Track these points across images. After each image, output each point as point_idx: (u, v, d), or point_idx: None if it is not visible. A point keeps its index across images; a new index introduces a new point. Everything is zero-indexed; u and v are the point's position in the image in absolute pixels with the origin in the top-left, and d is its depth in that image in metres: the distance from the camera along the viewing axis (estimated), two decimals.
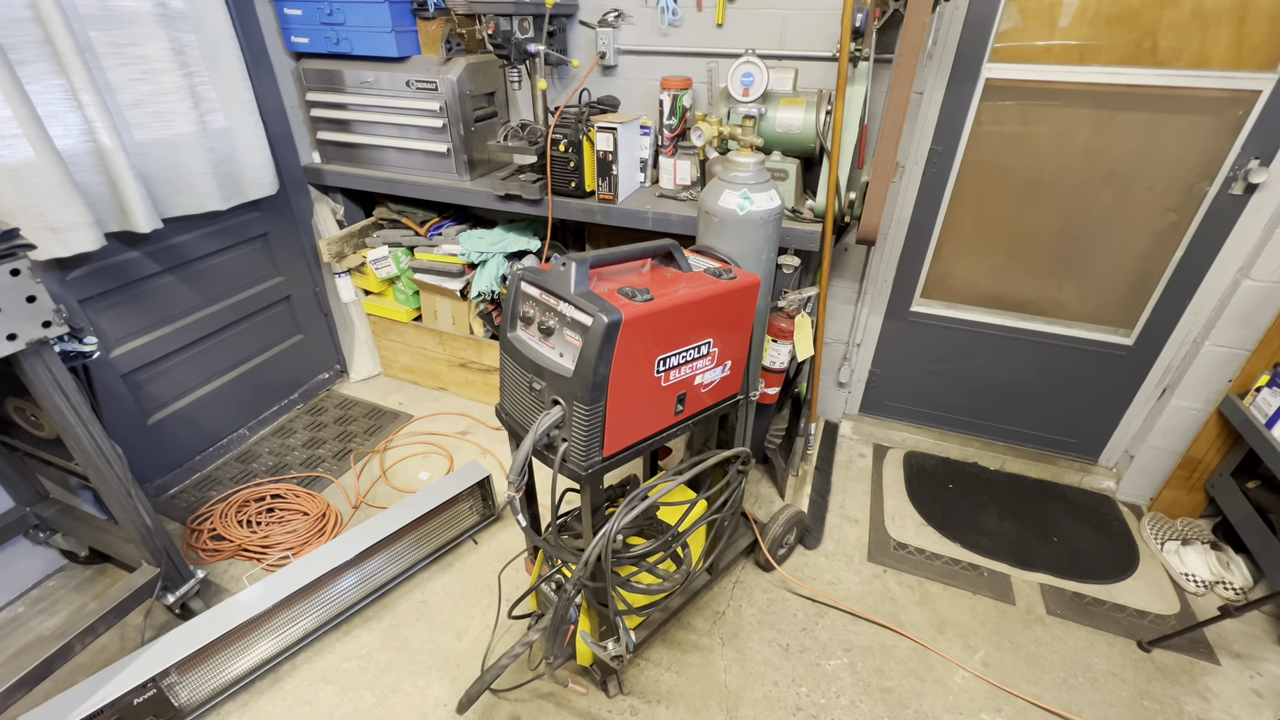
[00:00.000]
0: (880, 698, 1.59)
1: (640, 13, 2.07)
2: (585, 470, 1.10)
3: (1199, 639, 1.75)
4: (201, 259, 2.12)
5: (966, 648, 1.73)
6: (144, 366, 2.01)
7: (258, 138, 2.08)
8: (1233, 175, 1.76)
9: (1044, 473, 2.35)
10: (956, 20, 1.81)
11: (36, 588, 1.84)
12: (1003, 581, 1.93)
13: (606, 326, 0.99)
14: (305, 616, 1.65)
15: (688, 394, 1.24)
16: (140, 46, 1.76)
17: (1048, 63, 1.81)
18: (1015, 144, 1.94)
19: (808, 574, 1.93)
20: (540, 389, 1.11)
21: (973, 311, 2.23)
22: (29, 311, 1.18)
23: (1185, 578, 1.92)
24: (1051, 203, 1.98)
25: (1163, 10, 1.69)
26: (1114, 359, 2.13)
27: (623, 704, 1.55)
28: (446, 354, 2.63)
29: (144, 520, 1.49)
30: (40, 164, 1.53)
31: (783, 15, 1.92)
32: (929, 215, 2.11)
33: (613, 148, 1.90)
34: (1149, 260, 1.97)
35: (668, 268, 1.26)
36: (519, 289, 1.16)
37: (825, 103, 1.74)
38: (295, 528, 1.99)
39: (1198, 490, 2.09)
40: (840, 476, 2.36)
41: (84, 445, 1.35)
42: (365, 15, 2.07)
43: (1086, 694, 1.61)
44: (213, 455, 2.30)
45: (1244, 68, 1.67)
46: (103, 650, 1.65)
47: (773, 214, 1.33)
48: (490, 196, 2.12)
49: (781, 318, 1.86)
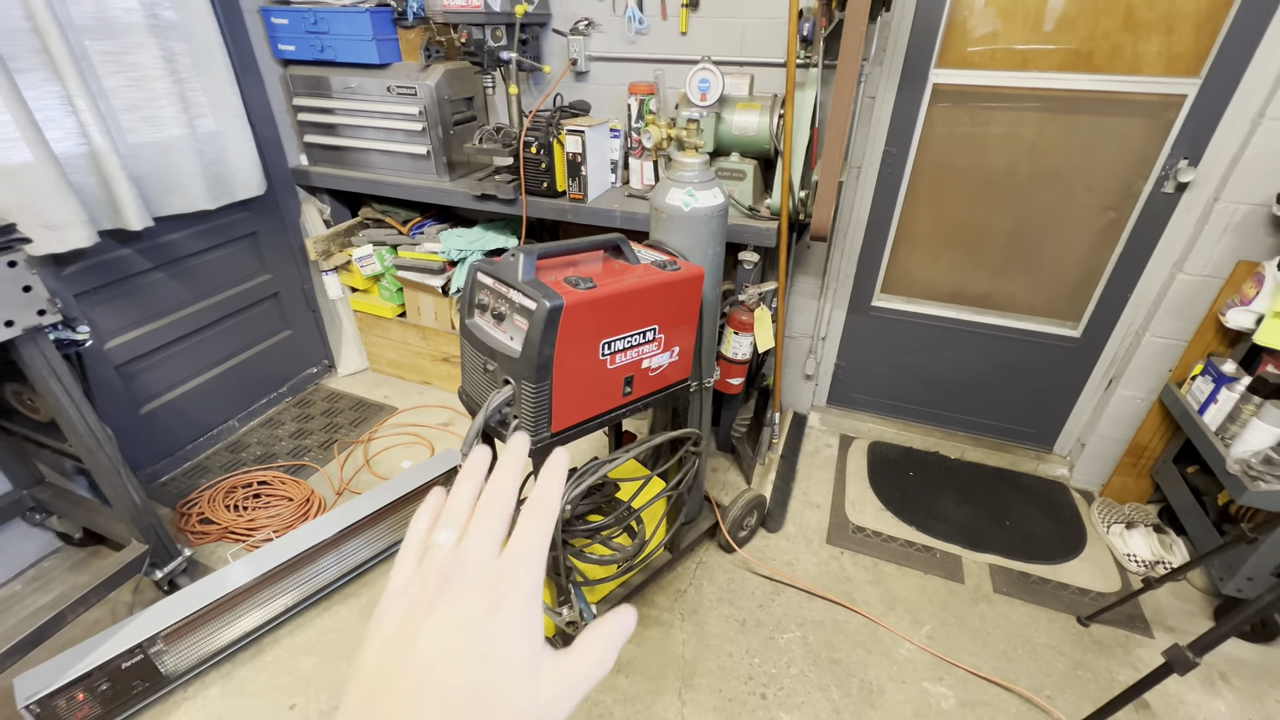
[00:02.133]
0: (829, 668, 1.69)
1: (609, 21, 2.18)
2: (534, 444, 1.19)
3: (1136, 614, 1.84)
4: (192, 256, 2.22)
5: (914, 623, 1.82)
6: (137, 359, 2.11)
7: (246, 141, 2.19)
8: (1164, 174, 1.86)
9: (1002, 461, 2.45)
10: (904, 28, 1.91)
11: (32, 568, 1.93)
12: (954, 562, 2.02)
13: (549, 311, 1.09)
14: (287, 592, 1.74)
15: (635, 377, 1.34)
16: (133, 55, 1.86)
17: (992, 68, 1.92)
18: (965, 145, 2.05)
19: (768, 555, 2.03)
20: (493, 370, 1.21)
21: (931, 306, 2.33)
22: (24, 300, 1.28)
23: (1128, 558, 2.02)
24: (1001, 201, 2.08)
25: (1098, 20, 1.79)
26: (1064, 351, 2.23)
27: None
28: (430, 349, 2.73)
29: (133, 499, 1.59)
30: (37, 165, 1.63)
31: (743, 24, 2.02)
32: (885, 214, 2.21)
33: (581, 150, 2.00)
34: (1092, 256, 2.07)
35: (617, 260, 1.36)
36: (476, 279, 1.26)
37: (779, 106, 1.84)
38: (279, 512, 2.09)
39: (1144, 476, 2.19)
40: (806, 465, 2.45)
41: (76, 426, 1.45)
42: (348, 24, 2.18)
43: (1025, 665, 1.70)
44: (203, 445, 2.40)
45: (1172, 73, 1.77)
46: (94, 625, 1.74)
47: (716, 210, 1.43)
48: (468, 197, 2.22)
49: (742, 311, 1.95)
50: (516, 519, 0.35)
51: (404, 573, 0.34)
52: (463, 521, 0.35)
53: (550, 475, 0.37)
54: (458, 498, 0.37)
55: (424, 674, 0.29)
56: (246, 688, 1.61)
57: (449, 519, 0.36)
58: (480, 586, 0.32)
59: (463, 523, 0.35)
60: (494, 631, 0.31)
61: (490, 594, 0.32)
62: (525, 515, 0.35)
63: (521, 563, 0.33)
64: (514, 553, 0.34)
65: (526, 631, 0.32)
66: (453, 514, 0.36)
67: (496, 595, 0.32)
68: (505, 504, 0.36)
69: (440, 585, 0.32)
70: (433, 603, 0.31)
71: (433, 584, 0.32)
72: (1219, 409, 1.78)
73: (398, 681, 0.29)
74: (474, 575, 0.32)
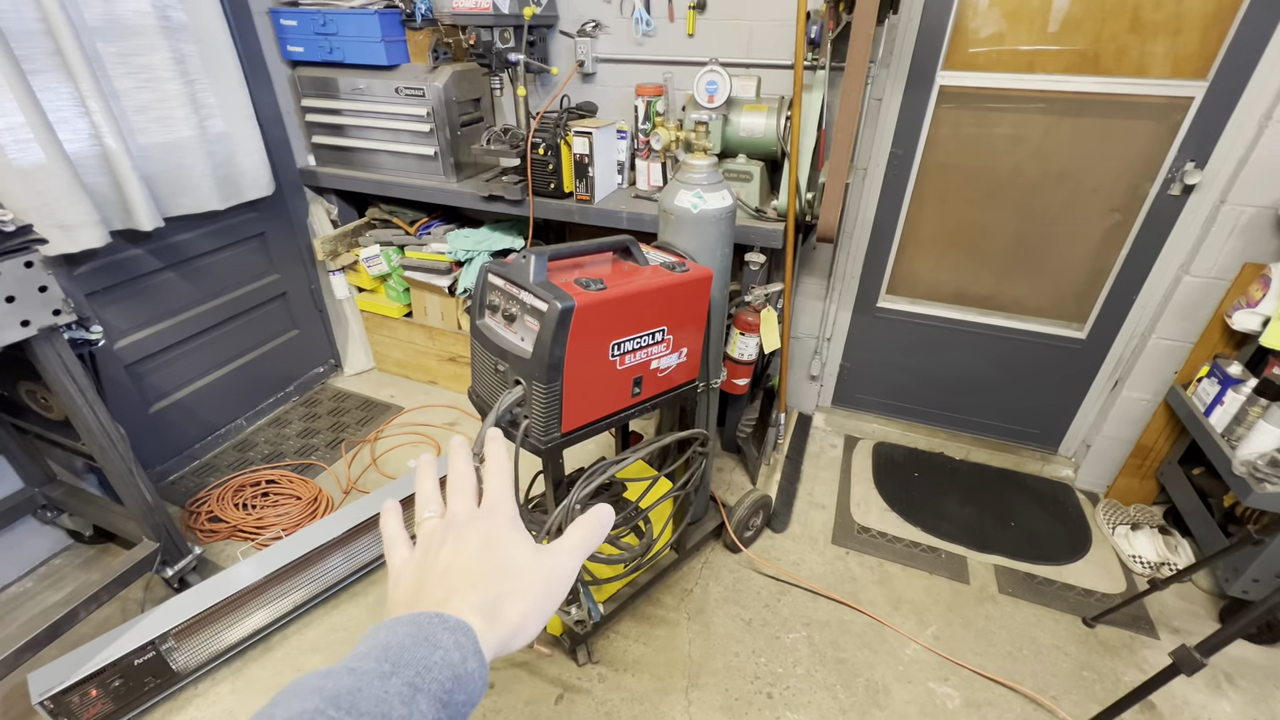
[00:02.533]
0: (834, 667, 1.69)
1: (616, 23, 2.19)
2: (545, 445, 1.20)
3: (1141, 616, 1.85)
4: (201, 256, 2.24)
5: (920, 623, 1.83)
6: (146, 358, 2.12)
7: (255, 141, 2.20)
8: (1171, 177, 1.87)
9: (1006, 462, 2.45)
10: (911, 30, 1.92)
11: (44, 565, 1.95)
12: (959, 563, 2.03)
13: (560, 312, 1.09)
14: (295, 590, 1.76)
15: (644, 377, 1.34)
16: (144, 56, 1.88)
17: (998, 70, 1.92)
18: (971, 147, 2.05)
19: (773, 555, 2.04)
20: (504, 370, 1.22)
21: (936, 307, 2.34)
22: (40, 300, 1.29)
23: (1133, 559, 2.02)
24: (1007, 203, 2.09)
25: (1104, 22, 1.79)
26: (1069, 352, 2.23)
27: (591, 671, 1.66)
28: (436, 348, 2.74)
29: (144, 497, 1.61)
30: (51, 166, 1.65)
31: (750, 26, 2.03)
32: (891, 215, 2.21)
33: (588, 151, 2.01)
34: (1098, 257, 2.07)
35: (626, 261, 1.37)
36: (486, 280, 1.27)
37: (786, 108, 1.85)
38: (288, 510, 2.11)
39: (1149, 477, 2.19)
40: (811, 466, 2.46)
41: (90, 425, 1.46)
42: (357, 26, 2.19)
43: (1030, 665, 1.71)
44: (211, 444, 2.42)
45: (1179, 76, 1.77)
46: (106, 622, 1.76)
47: (725, 212, 1.44)
48: (475, 197, 2.23)
49: (749, 311, 1.96)
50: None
51: (400, 552, 0.42)
52: (438, 502, 0.44)
53: (493, 444, 0.47)
54: (425, 487, 0.46)
55: (448, 570, 0.38)
56: (256, 684, 1.62)
57: (425, 502, 0.45)
58: (472, 521, 0.42)
59: (439, 503, 0.44)
60: (492, 532, 0.41)
61: (482, 524, 0.41)
62: (486, 476, 0.45)
63: (497, 503, 0.43)
64: (488, 499, 0.43)
65: (517, 530, 0.42)
66: (426, 498, 0.45)
67: (488, 522, 0.42)
68: (469, 477, 0.45)
69: (444, 534, 0.41)
70: (442, 542, 0.40)
71: (437, 536, 0.41)
72: (1225, 411, 1.78)
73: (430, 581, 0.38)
74: (465, 521, 0.42)
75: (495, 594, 0.37)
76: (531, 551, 0.41)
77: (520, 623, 0.37)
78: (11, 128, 1.58)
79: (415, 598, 0.37)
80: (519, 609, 0.38)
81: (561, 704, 1.58)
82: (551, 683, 1.63)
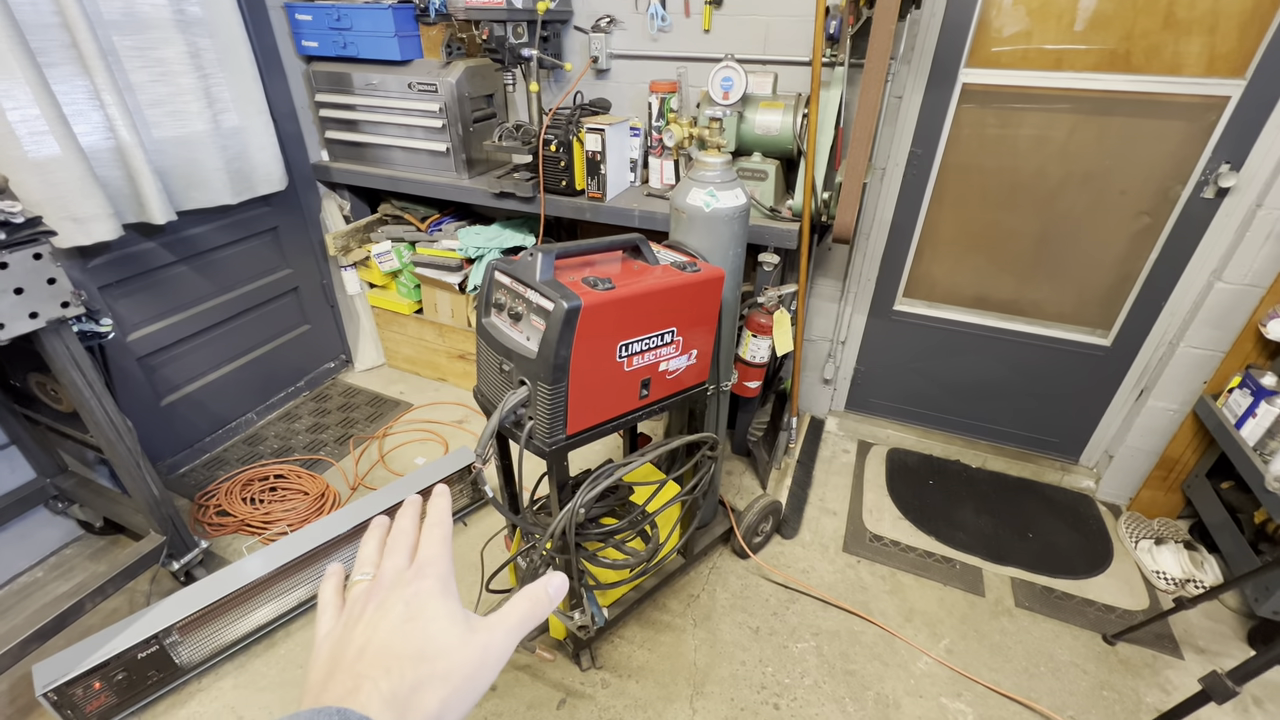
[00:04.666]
0: (843, 679, 1.65)
1: (631, 18, 2.16)
2: (549, 446, 1.18)
3: (1165, 634, 1.78)
4: (213, 250, 2.24)
5: (933, 635, 1.78)
6: (158, 351, 2.13)
7: (268, 136, 2.20)
8: (1204, 179, 1.80)
9: (1025, 471, 2.39)
10: (933, 26, 1.86)
11: (54, 555, 1.96)
12: (974, 574, 1.97)
13: (566, 312, 1.07)
14: (301, 586, 1.75)
15: (652, 379, 1.31)
16: (159, 50, 1.88)
17: (1024, 68, 1.86)
18: (993, 147, 1.99)
19: (783, 562, 2.00)
20: (509, 370, 1.19)
21: (954, 311, 2.28)
22: (49, 293, 1.29)
23: (1157, 575, 1.95)
24: (1029, 204, 2.03)
25: (1136, 19, 1.73)
26: (1093, 360, 2.16)
27: (594, 677, 1.63)
28: (446, 345, 2.73)
29: (151, 490, 1.61)
30: (65, 159, 1.65)
31: (767, 21, 1.99)
32: (910, 216, 2.16)
33: (601, 148, 1.98)
34: (1125, 262, 2.00)
35: (636, 260, 1.34)
36: (493, 278, 1.25)
37: (803, 106, 1.81)
38: (295, 506, 2.10)
39: (1175, 490, 2.12)
40: (823, 471, 2.41)
41: (97, 418, 1.46)
42: (371, 21, 2.18)
43: (1047, 683, 1.65)
44: (221, 437, 2.43)
45: (1215, 74, 1.70)
46: (112, 613, 1.77)
47: (738, 211, 1.40)
48: (487, 194, 2.21)
49: (761, 313, 1.92)
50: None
51: (325, 623, 0.40)
52: (375, 564, 0.41)
53: (437, 499, 0.45)
54: (368, 548, 0.43)
55: (363, 651, 0.35)
56: (259, 680, 1.62)
57: (362, 563, 0.42)
58: (397, 586, 0.39)
59: (375, 564, 0.41)
60: (417, 600, 0.37)
61: (407, 590, 0.38)
62: (424, 532, 0.42)
63: (428, 563, 0.40)
64: (420, 556, 0.40)
65: (445, 599, 0.38)
66: (364, 560, 0.42)
67: (413, 588, 0.38)
68: (409, 534, 0.43)
69: (365, 603, 0.38)
70: (361, 613, 0.38)
71: (359, 605, 0.38)
72: (1257, 424, 1.71)
73: (341, 665, 0.35)
74: (391, 583, 0.39)
75: (411, 680, 0.34)
76: (460, 628, 0.37)
77: (439, 711, 0.34)
78: (27, 120, 1.58)
79: (326, 681, 0.34)
80: (438, 696, 0.34)
81: (564, 709, 1.56)
82: (554, 687, 1.61)
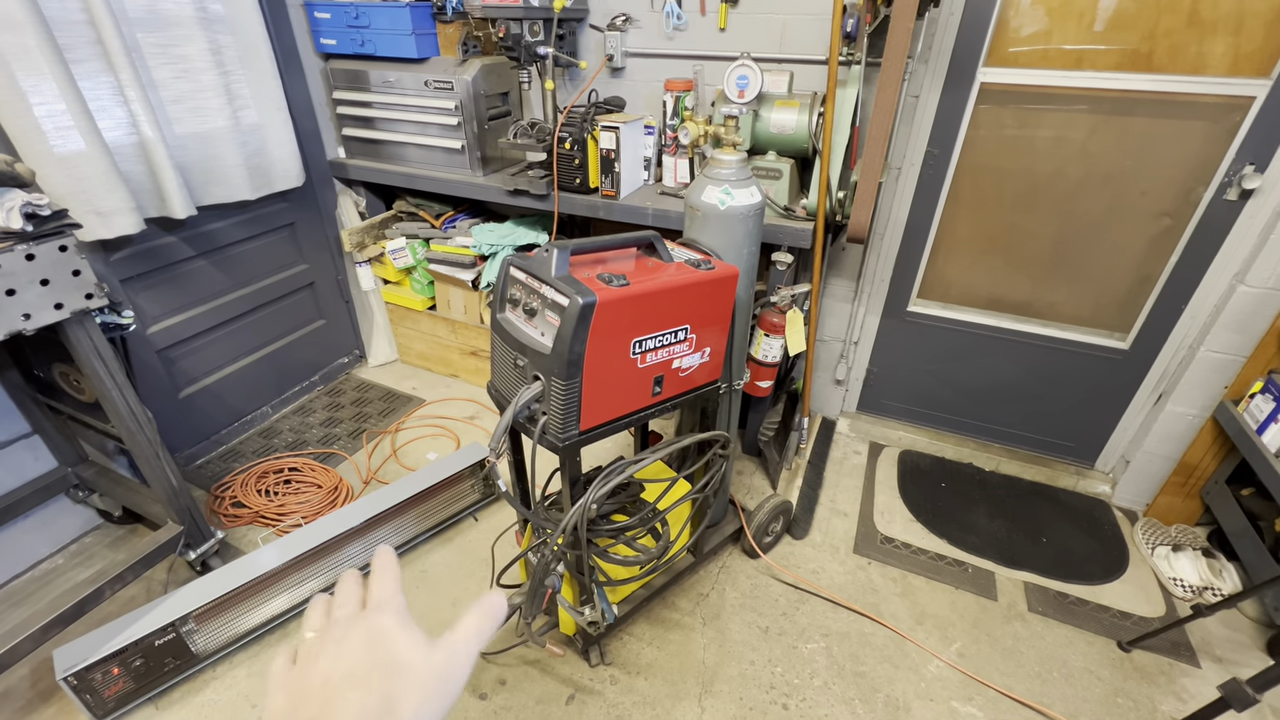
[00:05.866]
0: (853, 681, 1.64)
1: (647, 17, 2.16)
2: (562, 442, 1.18)
3: (1181, 642, 1.76)
4: (232, 245, 2.27)
5: (944, 639, 1.76)
6: (177, 344, 2.16)
7: (287, 133, 2.22)
8: (1228, 181, 1.77)
9: (1039, 475, 2.36)
10: (951, 25, 1.85)
11: (75, 543, 2.00)
12: (986, 578, 1.96)
13: (581, 308, 1.07)
14: (314, 578, 1.77)
15: (665, 377, 1.32)
16: (181, 47, 1.91)
17: (1044, 67, 1.84)
18: (1011, 147, 1.97)
19: (793, 562, 1.99)
20: (523, 365, 1.20)
21: (969, 313, 2.26)
22: (74, 284, 1.31)
23: (1174, 582, 1.92)
24: (1047, 205, 2.00)
25: (1159, 18, 1.71)
26: (1110, 363, 2.13)
27: (603, 673, 1.64)
28: (458, 342, 2.75)
29: (170, 480, 1.63)
30: (89, 153, 1.68)
31: (783, 20, 1.98)
32: (925, 216, 2.14)
33: (615, 146, 1.98)
34: (1144, 264, 1.97)
35: (650, 257, 1.34)
36: (508, 274, 1.25)
37: (818, 104, 1.80)
38: (309, 498, 2.13)
39: (1193, 497, 2.09)
40: (834, 472, 2.40)
41: (119, 408, 1.49)
42: (388, 19, 2.20)
43: (1060, 688, 1.64)
44: (237, 430, 2.46)
45: (1239, 74, 1.68)
46: (130, 601, 1.80)
47: (753, 209, 1.40)
48: (501, 191, 2.22)
49: (774, 312, 1.92)
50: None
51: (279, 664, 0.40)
52: (322, 625, 0.42)
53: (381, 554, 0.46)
54: (314, 616, 0.44)
55: (327, 679, 0.36)
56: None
57: (310, 623, 0.43)
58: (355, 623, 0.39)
59: (322, 625, 0.42)
60: (377, 628, 0.39)
61: (365, 622, 0.39)
62: (373, 577, 0.43)
63: (385, 600, 0.41)
64: (374, 600, 0.41)
65: (405, 627, 0.39)
66: (312, 623, 0.43)
67: (372, 620, 0.40)
68: (356, 587, 0.44)
69: (323, 644, 0.39)
70: (320, 651, 0.38)
71: (314, 650, 0.39)
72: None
73: (307, 696, 0.36)
74: (345, 625, 0.40)
75: (383, 694, 0.35)
76: (424, 646, 0.39)
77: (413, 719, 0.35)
78: (53, 115, 1.61)
79: (292, 713, 0.35)
80: (410, 704, 0.35)
81: (573, 705, 1.57)
82: (563, 682, 1.61)
